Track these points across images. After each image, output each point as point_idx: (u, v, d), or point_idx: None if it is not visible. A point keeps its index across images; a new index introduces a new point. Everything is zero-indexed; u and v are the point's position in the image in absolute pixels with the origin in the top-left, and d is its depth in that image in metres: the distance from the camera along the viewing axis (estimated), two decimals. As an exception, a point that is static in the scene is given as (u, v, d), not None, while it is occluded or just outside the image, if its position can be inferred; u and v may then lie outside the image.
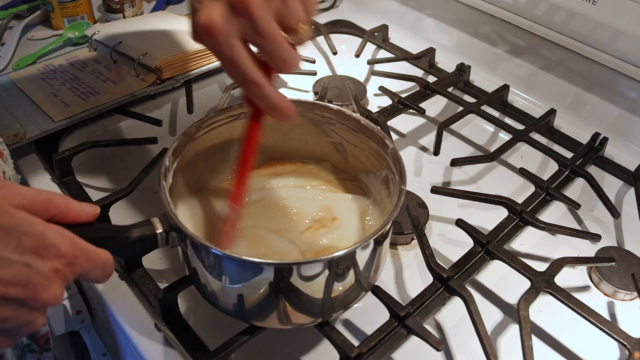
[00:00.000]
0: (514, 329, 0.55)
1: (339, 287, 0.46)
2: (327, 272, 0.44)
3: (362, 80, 0.88)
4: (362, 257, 0.46)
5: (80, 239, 0.37)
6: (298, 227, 0.54)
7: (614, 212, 0.66)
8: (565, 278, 0.59)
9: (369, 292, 0.52)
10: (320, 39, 0.97)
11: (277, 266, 0.43)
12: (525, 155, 0.77)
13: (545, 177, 0.69)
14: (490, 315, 0.57)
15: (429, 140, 0.79)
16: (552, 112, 0.79)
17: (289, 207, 0.56)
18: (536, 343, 0.54)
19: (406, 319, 0.52)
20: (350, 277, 0.46)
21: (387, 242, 0.50)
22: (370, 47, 0.98)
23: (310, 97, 0.85)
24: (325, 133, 0.59)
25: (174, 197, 0.49)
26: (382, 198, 0.56)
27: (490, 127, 0.82)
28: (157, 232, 0.45)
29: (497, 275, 0.60)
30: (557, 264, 0.57)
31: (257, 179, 0.58)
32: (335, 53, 0.92)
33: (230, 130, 0.56)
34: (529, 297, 0.54)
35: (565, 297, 0.54)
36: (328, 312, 0.49)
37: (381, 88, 0.83)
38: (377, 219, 0.55)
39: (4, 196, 0.35)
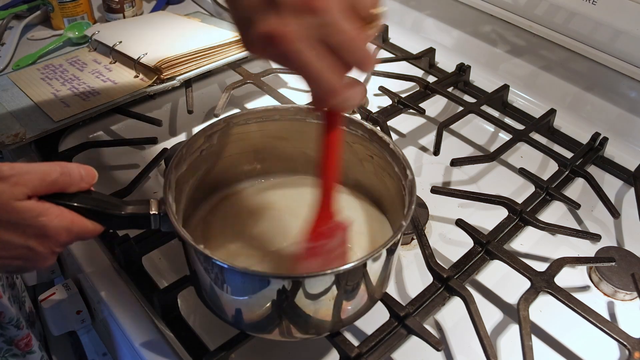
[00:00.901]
0: (514, 329, 0.55)
1: (347, 302, 0.45)
2: (335, 286, 0.43)
3: (362, 80, 0.88)
4: (372, 269, 0.45)
5: (76, 225, 0.43)
6: None
7: (614, 212, 0.66)
8: (565, 278, 0.59)
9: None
10: (320, 39, 0.97)
11: (281, 278, 0.42)
12: (525, 155, 0.77)
13: (545, 177, 0.69)
14: (490, 315, 0.57)
15: (429, 140, 0.79)
16: (552, 112, 0.79)
17: None
18: (536, 343, 0.54)
19: (406, 319, 0.52)
20: (361, 290, 0.45)
21: (396, 254, 0.49)
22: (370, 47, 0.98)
23: (310, 97, 0.84)
24: (352, 150, 0.57)
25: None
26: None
27: (490, 127, 0.82)
28: (151, 213, 0.45)
29: (497, 275, 0.60)
30: (557, 264, 0.57)
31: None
32: (335, 53, 0.91)
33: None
34: (529, 297, 0.54)
35: (565, 297, 0.54)
36: (337, 326, 0.49)
37: (381, 88, 0.83)
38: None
39: (12, 193, 0.39)
